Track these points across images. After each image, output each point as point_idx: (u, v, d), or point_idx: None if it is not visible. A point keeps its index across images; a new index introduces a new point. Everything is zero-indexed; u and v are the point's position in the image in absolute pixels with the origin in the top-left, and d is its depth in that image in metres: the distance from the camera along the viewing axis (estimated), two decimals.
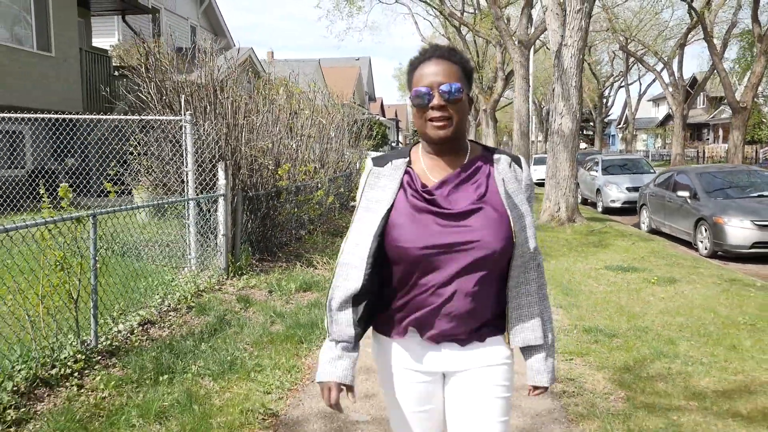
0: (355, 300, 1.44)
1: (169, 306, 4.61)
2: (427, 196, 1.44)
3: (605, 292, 5.86)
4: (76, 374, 3.30)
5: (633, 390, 3.40)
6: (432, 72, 1.41)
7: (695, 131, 47.41)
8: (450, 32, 30.90)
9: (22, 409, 2.88)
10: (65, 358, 3.38)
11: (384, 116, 45.71)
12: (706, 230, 8.61)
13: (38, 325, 3.39)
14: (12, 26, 10.63)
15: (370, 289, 1.46)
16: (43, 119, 9.18)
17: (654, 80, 34.41)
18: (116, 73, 14.11)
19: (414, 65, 1.47)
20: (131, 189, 7.73)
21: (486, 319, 1.48)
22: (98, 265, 3.72)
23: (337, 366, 1.44)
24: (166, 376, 3.34)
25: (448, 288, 1.40)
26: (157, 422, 2.85)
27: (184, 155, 5.79)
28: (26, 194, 10.30)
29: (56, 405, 2.98)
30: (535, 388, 1.57)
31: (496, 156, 1.52)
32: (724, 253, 8.26)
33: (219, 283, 5.45)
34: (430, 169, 1.49)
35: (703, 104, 45.03)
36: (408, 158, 1.51)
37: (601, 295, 5.69)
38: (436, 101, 1.39)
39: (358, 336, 1.47)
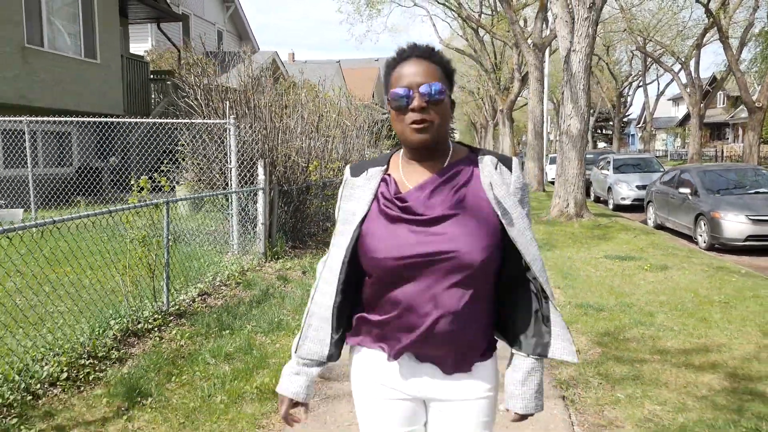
0: (334, 317, 1.38)
1: (220, 282, 5.44)
2: (399, 203, 1.34)
3: (601, 276, 6.55)
4: (155, 329, 4.13)
5: (608, 347, 4.11)
6: (411, 72, 1.32)
7: (715, 130, 47.22)
8: (468, 34, 31.48)
9: (122, 350, 3.71)
10: (146, 317, 4.21)
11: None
12: (704, 224, 9.20)
13: (126, 290, 4.23)
14: (64, 37, 11.63)
15: (347, 305, 1.40)
16: (88, 122, 10.12)
17: (672, 80, 34.58)
18: (152, 77, 15.12)
19: (391, 66, 1.38)
20: (173, 185, 8.63)
21: (472, 343, 1.36)
22: (165, 246, 4.55)
23: (294, 382, 1.42)
24: (227, 332, 4.16)
25: (427, 305, 1.29)
26: (225, 362, 3.66)
27: (228, 154, 6.63)
28: (74, 190, 11.31)
29: (145, 350, 3.81)
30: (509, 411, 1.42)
31: (480, 157, 1.40)
32: (720, 246, 8.84)
33: (259, 265, 6.27)
34: (407, 176, 1.40)
35: (723, 103, 44.89)
36: (386, 166, 1.43)
37: (596, 279, 6.38)
38: (416, 103, 1.30)
39: (331, 357, 1.41)
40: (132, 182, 4.71)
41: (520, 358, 1.40)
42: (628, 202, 14.69)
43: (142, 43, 18.75)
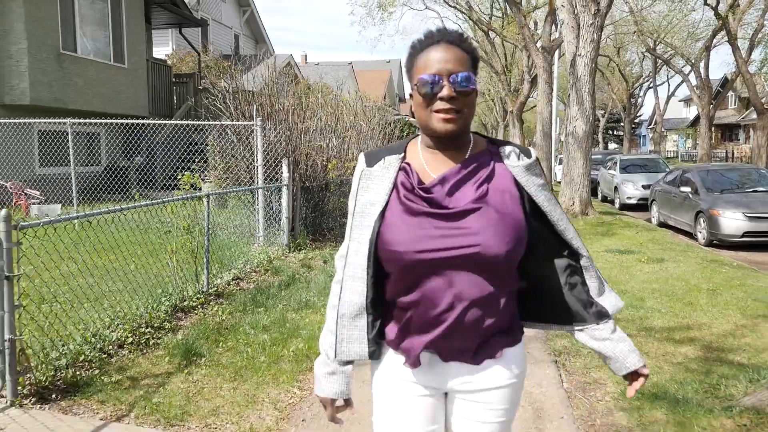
0: (367, 313, 1.34)
1: (250, 269, 6.01)
2: (424, 194, 1.30)
3: (600, 267, 6.93)
4: (199, 307, 4.70)
5: None
6: (441, 58, 1.27)
7: (727, 131, 47.19)
8: (478, 36, 31.94)
9: (173, 323, 4.28)
10: (190, 296, 4.78)
11: (414, 117, 46.89)
12: (703, 221, 9.63)
13: (174, 271, 4.81)
14: (95, 43, 12.31)
15: (378, 300, 1.36)
16: (120, 124, 10.76)
17: (682, 82, 34.77)
18: (175, 81, 15.80)
19: (418, 49, 1.31)
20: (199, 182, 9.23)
21: (498, 329, 1.34)
22: (206, 234, 5.12)
23: (333, 381, 1.39)
24: (261, 309, 4.72)
25: (450, 297, 1.27)
26: (263, 332, 4.21)
27: (255, 153, 7.20)
28: (103, 188, 11.97)
29: (192, 322, 4.37)
30: (634, 376, 1.42)
31: (503, 149, 1.38)
32: (719, 241, 9.27)
33: (283, 255, 6.84)
34: (429, 164, 1.35)
35: (735, 104, 44.88)
36: (403, 154, 1.38)
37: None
38: (446, 92, 1.25)
39: (372, 354, 1.37)
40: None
41: (594, 330, 1.40)
42: (633, 201, 15.10)
43: (163, 47, 19.45)
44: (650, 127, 57.56)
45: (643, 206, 14.57)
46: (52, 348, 3.40)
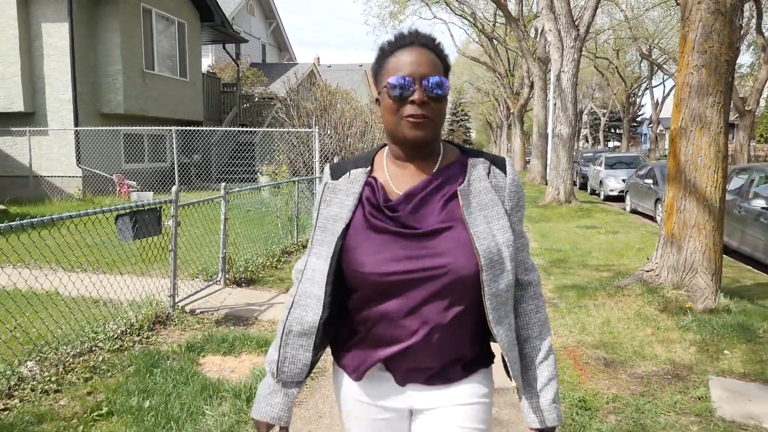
0: (316, 333, 1.24)
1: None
2: (388, 212, 1.22)
3: (568, 236, 9.57)
4: (295, 252, 7.26)
5: (554, 265, 7.14)
6: (413, 61, 1.18)
7: None
8: (483, 40, 34.35)
9: (283, 260, 6.85)
10: (288, 245, 7.35)
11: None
12: (660, 207, 12.12)
13: (281, 230, 7.40)
14: (166, 61, 14.96)
15: (332, 321, 1.26)
16: (178, 128, 13.40)
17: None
18: (223, 90, 18.48)
19: (388, 51, 1.22)
20: (254, 176, 11.87)
21: (461, 355, 1.25)
22: (296, 206, 7.69)
23: (273, 404, 1.28)
24: None
25: (413, 320, 1.19)
26: None
27: (313, 152, 9.77)
28: (169, 179, 14.61)
29: (293, 258, 6.94)
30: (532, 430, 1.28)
31: (471, 161, 1.27)
32: None
33: None
34: (394, 178, 1.26)
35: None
36: (369, 167, 1.28)
37: (564, 237, 9.40)
38: (417, 96, 1.16)
39: (309, 374, 1.29)
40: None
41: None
42: (615, 193, 17.57)
43: (205, 58, 22.09)
44: (650, 125, 59.76)
45: (622, 197, 17.05)
46: (238, 259, 6.00)
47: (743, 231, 8.07)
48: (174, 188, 4.76)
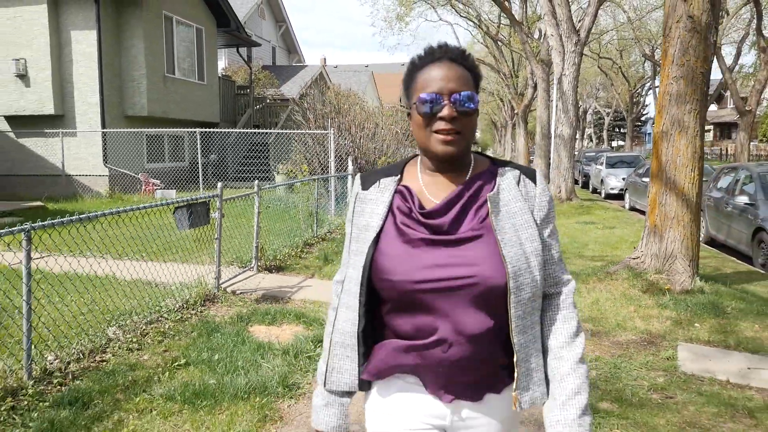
0: (360, 344, 1.27)
1: (335, 228, 9.28)
2: (423, 219, 1.23)
3: (567, 230, 10.22)
4: (316, 243, 7.95)
5: None
6: (442, 76, 1.20)
7: (726, 130, 49.77)
8: (488, 41, 34.94)
9: (305, 251, 7.55)
10: (309, 236, 8.05)
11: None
12: None
13: (302, 223, 8.10)
14: (186, 66, 15.70)
15: (372, 330, 1.30)
16: (192, 131, 14.13)
17: None
18: (237, 92, 19.22)
19: (418, 66, 1.25)
20: (270, 175, 12.59)
21: (494, 368, 1.24)
22: (315, 202, 8.38)
23: (329, 414, 1.32)
24: None
25: (446, 332, 1.18)
26: None
27: (329, 152, 10.46)
28: (188, 178, 15.35)
29: (317, 250, 7.64)
30: None
31: (501, 171, 1.29)
32: None
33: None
34: (428, 187, 1.28)
35: (732, 104, 47.38)
36: (399, 176, 1.31)
37: (564, 231, 10.06)
38: (446, 112, 1.18)
39: (362, 386, 1.31)
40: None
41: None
42: (615, 191, 18.19)
43: (218, 61, 22.82)
44: (653, 124, 60.08)
45: (622, 195, 17.67)
46: (267, 249, 6.71)
47: (729, 225, 8.71)
48: (219, 185, 5.47)
